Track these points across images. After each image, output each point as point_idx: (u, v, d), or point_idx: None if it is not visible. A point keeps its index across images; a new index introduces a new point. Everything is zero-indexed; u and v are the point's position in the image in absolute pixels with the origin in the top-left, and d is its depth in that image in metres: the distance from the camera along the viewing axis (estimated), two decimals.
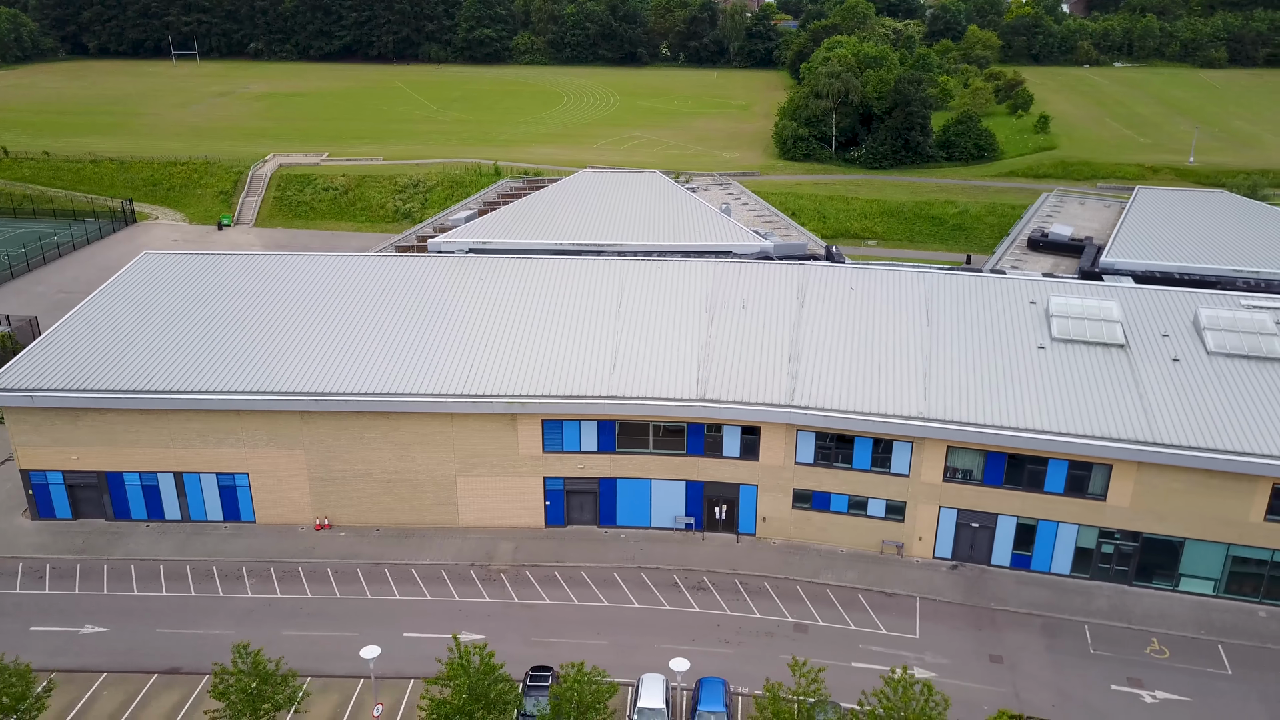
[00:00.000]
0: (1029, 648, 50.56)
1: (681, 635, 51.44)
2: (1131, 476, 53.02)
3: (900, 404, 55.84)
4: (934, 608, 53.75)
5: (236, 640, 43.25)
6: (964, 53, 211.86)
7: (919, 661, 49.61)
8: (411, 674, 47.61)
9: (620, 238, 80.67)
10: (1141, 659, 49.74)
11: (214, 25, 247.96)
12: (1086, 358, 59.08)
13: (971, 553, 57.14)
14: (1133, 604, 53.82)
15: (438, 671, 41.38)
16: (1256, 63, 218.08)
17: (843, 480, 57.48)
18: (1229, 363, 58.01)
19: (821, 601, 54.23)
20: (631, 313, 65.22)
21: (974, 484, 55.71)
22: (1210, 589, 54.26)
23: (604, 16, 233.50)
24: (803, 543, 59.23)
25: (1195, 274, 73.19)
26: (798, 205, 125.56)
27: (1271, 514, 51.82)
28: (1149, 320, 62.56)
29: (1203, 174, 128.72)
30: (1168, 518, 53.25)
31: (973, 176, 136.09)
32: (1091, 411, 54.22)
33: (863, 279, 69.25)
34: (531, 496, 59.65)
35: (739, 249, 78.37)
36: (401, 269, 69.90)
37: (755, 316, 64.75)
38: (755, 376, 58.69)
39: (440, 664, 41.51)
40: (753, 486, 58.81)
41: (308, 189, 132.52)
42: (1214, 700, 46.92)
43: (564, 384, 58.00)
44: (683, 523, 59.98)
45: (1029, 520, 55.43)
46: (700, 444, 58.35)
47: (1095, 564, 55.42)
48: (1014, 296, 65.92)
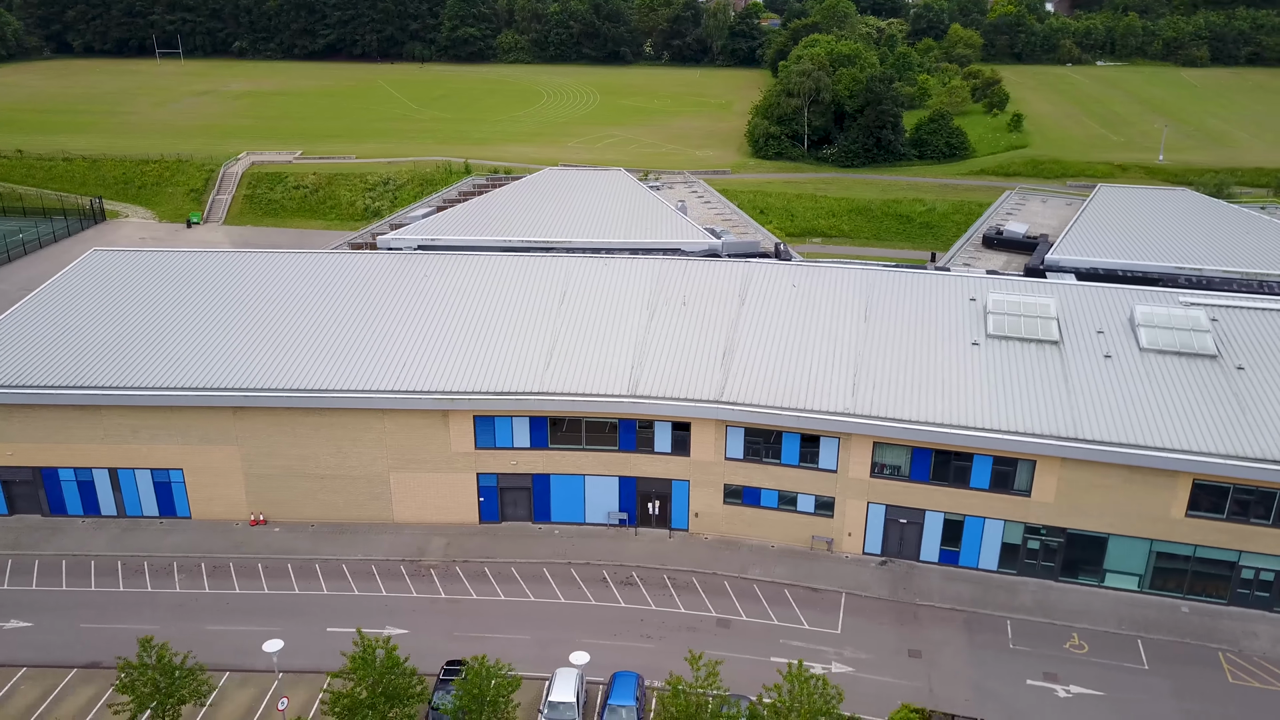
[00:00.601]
0: (949, 643, 50.73)
1: (604, 630, 51.64)
2: (1055, 472, 53.19)
3: (827, 400, 56.02)
4: (859, 603, 53.93)
5: (161, 635, 43.46)
6: (945, 51, 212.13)
7: (838, 656, 49.84)
8: (330, 669, 47.62)
9: (571, 235, 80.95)
10: (1060, 654, 49.92)
11: (198, 24, 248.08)
12: (1020, 354, 59.24)
13: (901, 549, 57.31)
14: (1057, 600, 53.99)
15: (343, 665, 41.50)
16: (1238, 61, 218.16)
17: (772, 476, 57.65)
18: (1160, 359, 58.16)
19: (747, 597, 54.40)
20: (573, 309, 65.38)
21: (901, 480, 55.90)
22: (1135, 584, 54.44)
23: (587, 15, 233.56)
24: (735, 538, 59.41)
25: (1139, 271, 73.38)
26: (766, 203, 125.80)
27: (1193, 510, 51.98)
28: (1086, 317, 62.68)
29: (1171, 172, 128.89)
30: (1091, 513, 53.42)
31: (944, 175, 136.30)
32: (1016, 408, 54.40)
33: (805, 276, 69.40)
34: (465, 493, 59.82)
35: (687, 246, 78.56)
36: (345, 266, 70.05)
37: (695, 313, 64.92)
38: (688, 373, 58.87)
39: (345, 657, 41.64)
40: (685, 482, 59.01)
41: (278, 187, 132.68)
42: (1126, 694, 47.09)
43: (496, 380, 58.19)
44: (616, 519, 60.16)
45: (956, 516, 55.61)
46: (633, 440, 58.52)
47: (1022, 560, 55.59)
48: (954, 294, 66.04)
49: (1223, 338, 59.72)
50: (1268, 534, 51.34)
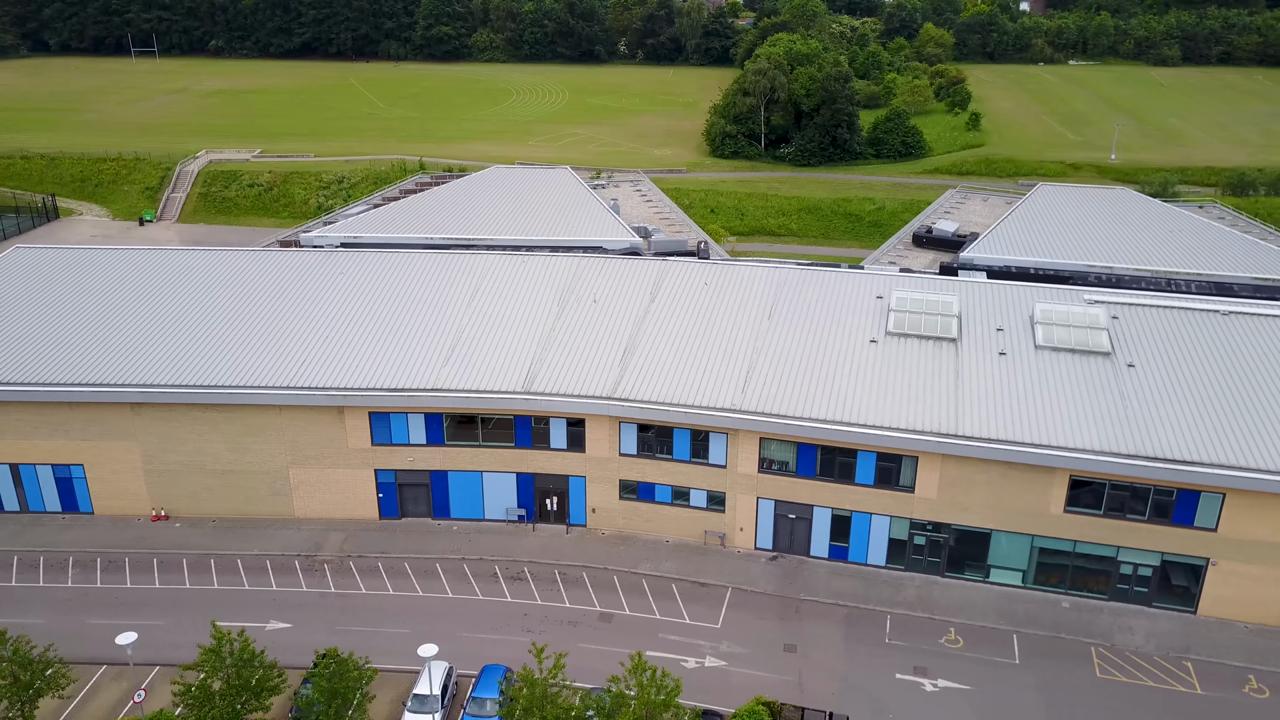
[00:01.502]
0: (826, 637, 51.16)
1: (486, 624, 52.08)
2: (937, 468, 53.60)
3: (717, 396, 56.44)
4: (744, 598, 54.35)
5: (44, 630, 43.83)
6: (916, 51, 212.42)
7: (713, 650, 50.28)
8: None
9: (494, 233, 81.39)
10: (935, 649, 50.34)
11: (174, 22, 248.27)
12: (916, 351, 59.64)
13: (791, 544, 57.72)
14: (940, 595, 54.41)
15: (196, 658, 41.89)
16: (1209, 61, 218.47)
17: (665, 471, 58.07)
18: (1054, 356, 58.54)
19: (634, 591, 54.82)
20: (482, 306, 65.77)
21: (789, 475, 56.30)
22: (1019, 580, 54.84)
23: (562, 14, 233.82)
24: (631, 533, 59.85)
25: (1050, 269, 73.81)
26: (717, 202, 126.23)
27: (1071, 506, 52.40)
28: (989, 315, 63.04)
29: (1122, 171, 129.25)
30: (973, 509, 53.84)
31: (898, 174, 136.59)
32: (901, 404, 54.80)
33: (718, 275, 69.81)
34: (364, 488, 60.23)
35: (609, 245, 78.99)
36: (259, 264, 70.38)
37: (604, 311, 65.35)
38: (585, 370, 59.27)
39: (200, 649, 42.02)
40: (581, 478, 59.43)
41: (233, 185, 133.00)
42: (993, 689, 47.51)
43: (392, 377, 58.57)
44: (515, 515, 60.57)
45: (843, 512, 56.04)
46: (528, 436, 58.92)
47: (908, 555, 56.01)
48: (861, 292, 66.43)
49: (1120, 336, 60.11)
50: (1144, 530, 51.75)
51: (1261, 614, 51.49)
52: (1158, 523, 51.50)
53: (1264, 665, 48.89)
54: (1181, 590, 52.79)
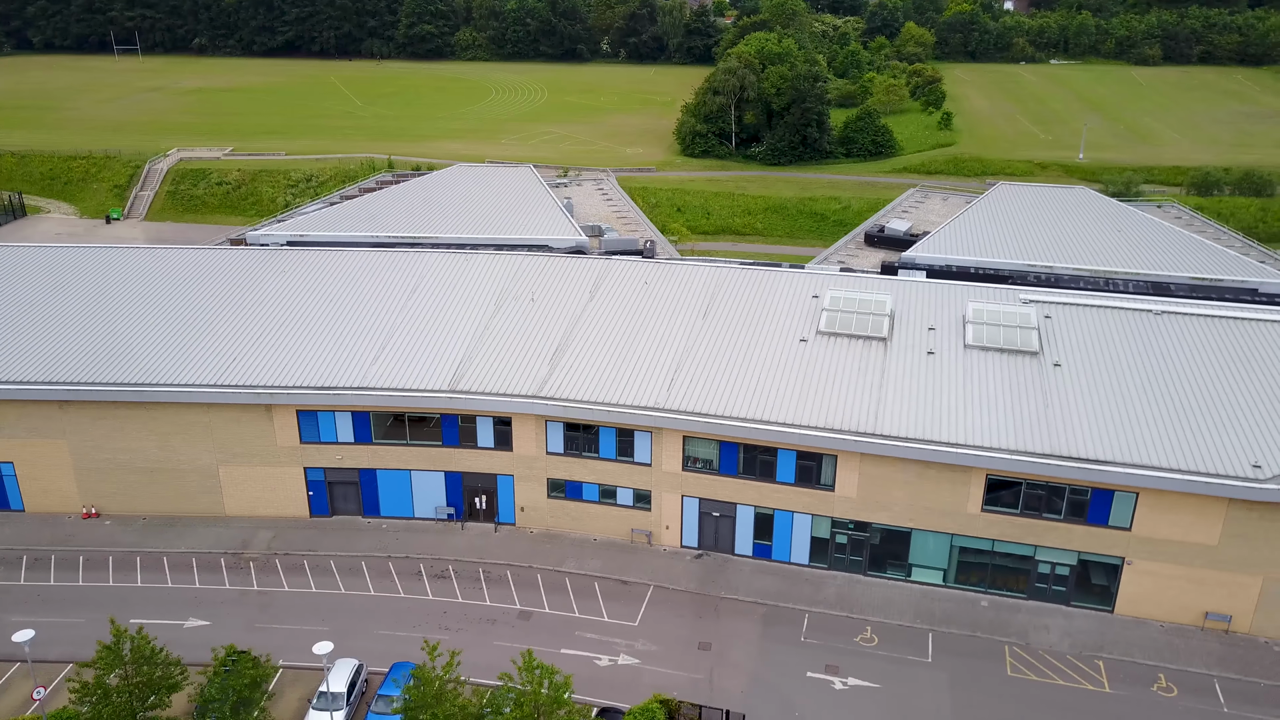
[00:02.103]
0: (742, 636, 51.27)
1: (404, 622, 52.18)
2: (856, 467, 53.70)
3: (642, 395, 56.53)
4: (665, 596, 54.47)
5: None
6: (897, 49, 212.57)
7: (628, 648, 50.40)
8: None
9: (440, 231, 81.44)
10: (849, 647, 50.45)
11: (158, 20, 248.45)
12: (845, 351, 59.76)
13: (716, 542, 57.85)
14: (861, 593, 54.53)
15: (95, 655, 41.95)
16: (1190, 60, 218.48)
17: (592, 470, 58.19)
18: (982, 356, 58.66)
19: (556, 589, 54.94)
20: (419, 305, 65.92)
21: (713, 474, 56.42)
22: (940, 579, 54.95)
23: (544, 13, 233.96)
24: (559, 531, 59.98)
25: (990, 269, 73.91)
26: (684, 201, 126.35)
27: (988, 505, 52.51)
28: (922, 314, 63.15)
29: (1089, 170, 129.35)
30: (893, 508, 53.96)
31: (868, 173, 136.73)
32: (821, 403, 54.90)
33: (658, 273, 69.96)
34: (293, 486, 60.34)
35: (555, 243, 79.11)
36: (197, 263, 70.46)
37: (541, 309, 65.48)
38: (514, 368, 59.38)
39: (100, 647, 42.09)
40: (509, 477, 59.55)
41: (202, 183, 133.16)
42: (901, 686, 47.64)
43: (320, 375, 58.67)
44: (444, 513, 60.68)
45: (766, 510, 56.15)
46: (455, 435, 59.04)
47: (831, 554, 56.13)
48: (798, 291, 66.57)
49: (1051, 335, 60.20)
50: (1061, 529, 51.87)
51: (1176, 613, 51.60)
52: (1074, 522, 51.63)
53: (1174, 664, 49.00)
54: (1100, 589, 52.92)
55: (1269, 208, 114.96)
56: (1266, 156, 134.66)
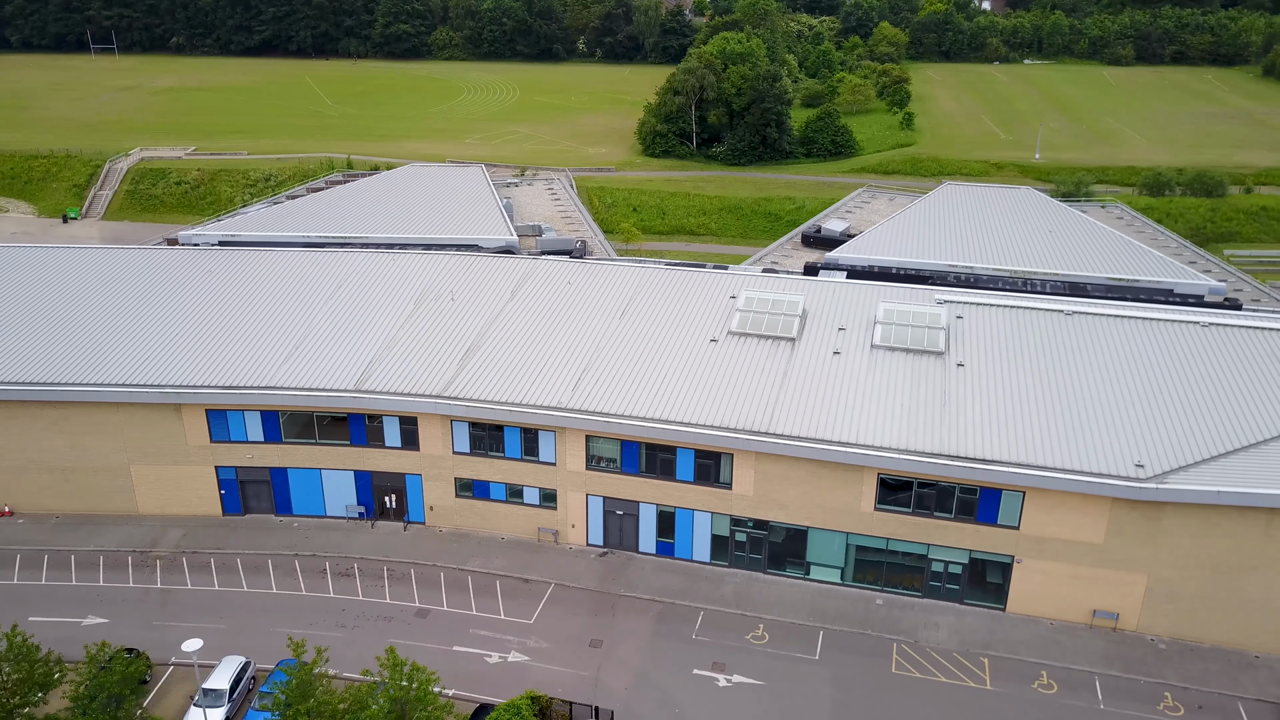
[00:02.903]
0: (635, 633, 51.71)
1: (302, 620, 52.61)
2: (751, 466, 54.16)
3: (547, 395, 56.92)
4: (564, 594, 54.90)
5: None
6: (870, 49, 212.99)
7: (519, 646, 50.87)
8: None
9: (376, 230, 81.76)
10: (739, 645, 50.90)
11: (135, 20, 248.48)
12: (753, 350, 60.20)
13: (621, 540, 58.31)
14: (759, 591, 54.99)
15: None
16: (1163, 60, 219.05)
17: (498, 469, 58.63)
18: (888, 356, 59.12)
19: (457, 588, 55.39)
20: (339, 304, 66.37)
21: (616, 473, 56.86)
22: (837, 577, 55.42)
23: (520, 12, 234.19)
24: (468, 530, 60.42)
25: (912, 269, 74.36)
26: (640, 201, 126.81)
27: (881, 504, 52.98)
28: (836, 314, 63.64)
29: (1044, 169, 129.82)
30: (789, 507, 54.41)
31: (827, 173, 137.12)
32: (719, 403, 55.33)
33: (582, 273, 70.49)
34: (205, 485, 60.75)
35: (485, 242, 79.50)
36: (124, 262, 70.92)
37: (460, 309, 65.95)
38: (423, 368, 59.77)
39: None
40: (417, 476, 59.96)
41: (161, 183, 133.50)
42: (785, 684, 48.10)
43: (229, 375, 59.06)
44: (355, 511, 61.11)
45: (668, 508, 56.60)
46: (363, 434, 59.47)
47: (731, 552, 56.59)
48: (717, 291, 67.07)
49: (961, 335, 60.69)
50: (951, 528, 52.34)
51: (1065, 611, 52.08)
52: (964, 521, 52.11)
53: (1058, 661, 49.49)
54: (994, 588, 53.39)
55: (1218, 208, 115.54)
56: (1222, 157, 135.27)
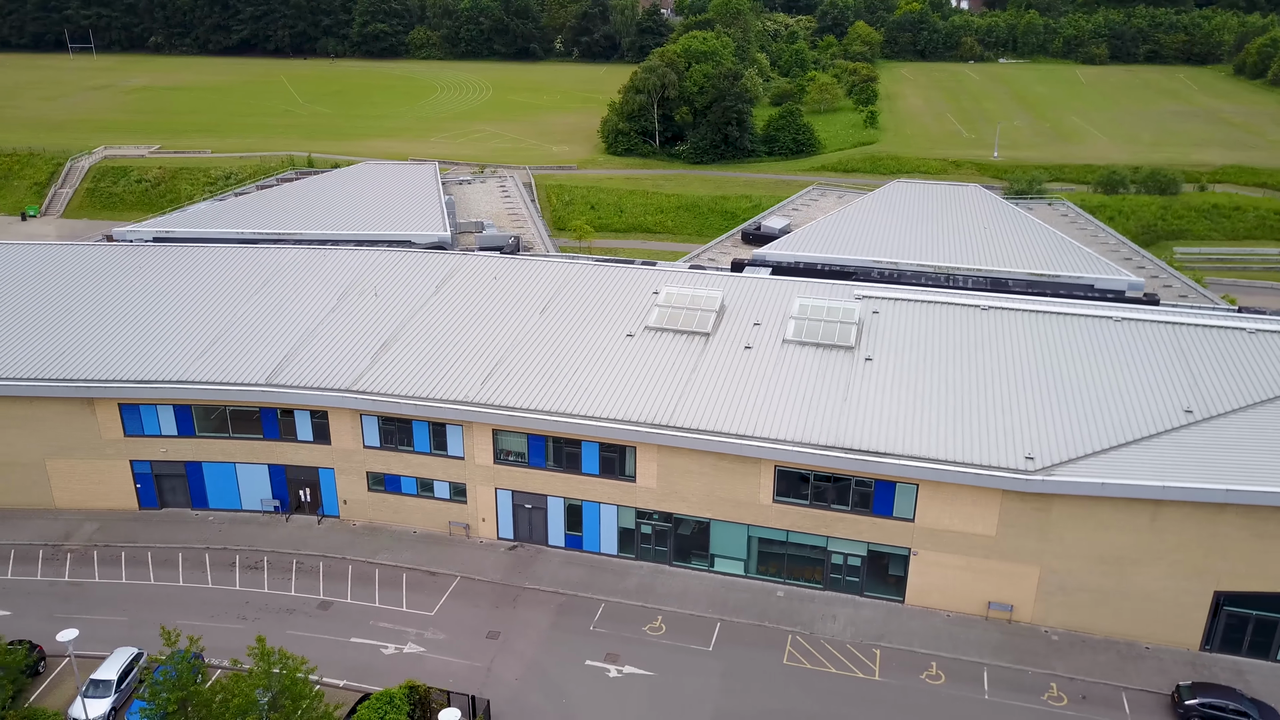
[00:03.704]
0: (533, 625, 52.01)
1: (204, 612, 52.92)
2: (654, 459, 54.48)
3: (456, 390, 57.21)
4: (469, 586, 55.21)
5: None
6: (844, 48, 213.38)
7: (417, 637, 51.18)
8: None
9: (312, 227, 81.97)
10: (636, 636, 51.22)
11: (114, 19, 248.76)
12: (667, 345, 60.52)
13: (530, 533, 58.62)
14: (663, 583, 55.30)
15: None
16: (1137, 59, 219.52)
17: (409, 464, 58.94)
18: (799, 350, 59.43)
19: (364, 581, 55.68)
20: (265, 299, 66.74)
21: (523, 467, 57.17)
22: (740, 569, 55.74)
23: (497, 11, 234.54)
24: (381, 524, 60.71)
25: (837, 265, 74.67)
26: (598, 199, 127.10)
27: (780, 496, 53.30)
28: (753, 310, 63.98)
29: (1001, 168, 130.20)
30: (691, 499, 54.73)
31: (788, 171, 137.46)
32: (624, 397, 55.62)
33: (509, 269, 70.88)
34: (121, 479, 61.02)
35: (418, 239, 79.74)
36: (49, 258, 71.24)
37: (381, 304, 66.32)
38: (337, 362, 60.05)
39: None
40: (330, 470, 60.25)
41: (122, 181, 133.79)
42: (674, 675, 48.39)
43: (142, 369, 59.35)
44: (270, 505, 61.40)
45: (575, 501, 56.90)
46: (275, 428, 59.75)
47: (638, 544, 56.91)
48: (641, 287, 67.43)
49: (874, 330, 60.99)
50: (848, 520, 52.68)
51: (962, 603, 52.42)
52: (861, 514, 52.45)
53: (949, 652, 49.84)
54: (894, 580, 53.71)
55: (1170, 206, 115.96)
56: (1181, 155, 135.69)
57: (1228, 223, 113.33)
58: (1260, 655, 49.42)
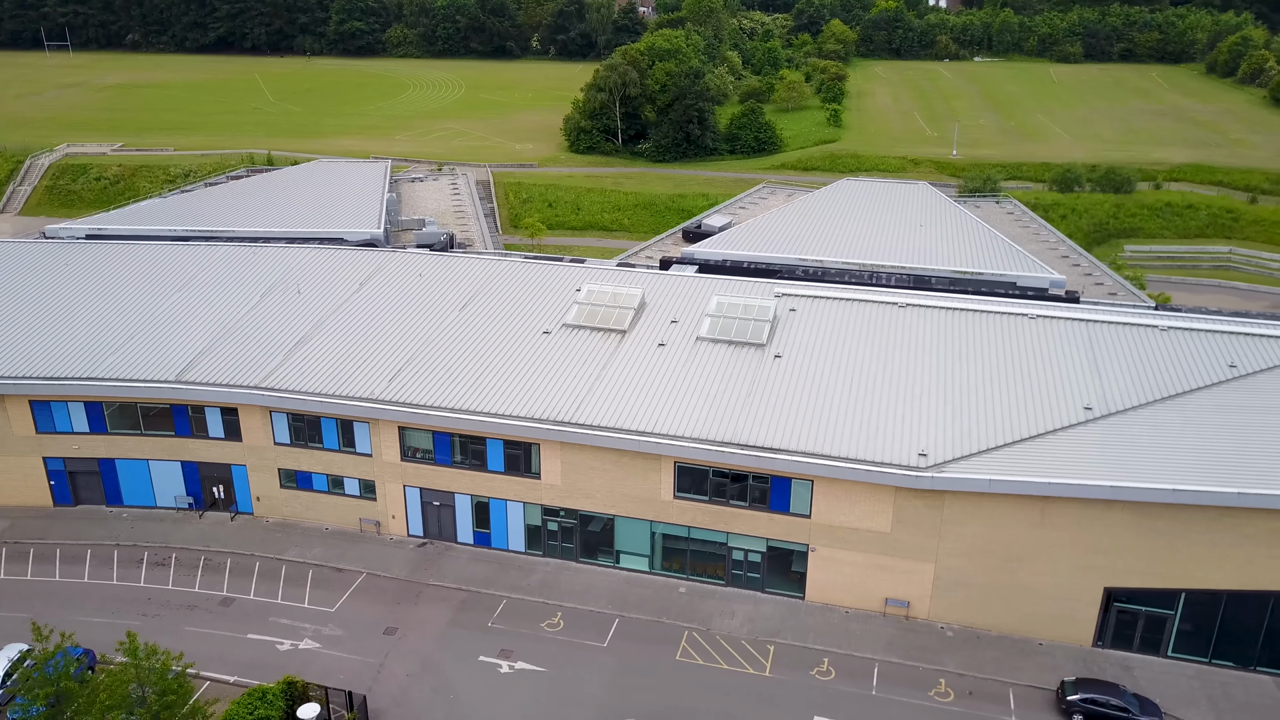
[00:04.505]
0: (432, 621, 52.08)
1: (105, 608, 52.94)
2: (558, 456, 54.57)
3: (364, 387, 57.26)
4: (374, 583, 55.27)
5: None
6: (818, 47, 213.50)
7: (314, 633, 51.24)
8: None
9: (246, 225, 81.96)
10: (533, 632, 51.30)
11: (91, 16, 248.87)
12: (582, 343, 60.63)
13: (440, 530, 58.70)
14: (567, 580, 55.39)
15: None
16: (1111, 57, 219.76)
17: (319, 460, 59.01)
18: (711, 348, 59.52)
19: (269, 577, 55.75)
20: (187, 296, 66.83)
21: (431, 464, 57.25)
22: (646, 565, 55.85)
23: (473, 10, 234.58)
24: (294, 521, 60.78)
25: (763, 263, 74.77)
26: (555, 197, 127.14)
27: (680, 492, 53.40)
28: (673, 307, 64.09)
29: (959, 166, 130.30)
30: (595, 496, 54.83)
31: (748, 170, 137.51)
32: (532, 394, 55.70)
33: (435, 266, 71.01)
34: (34, 476, 61.06)
35: (350, 236, 79.82)
36: None
37: (303, 301, 66.42)
38: (249, 359, 60.12)
39: None
40: (243, 467, 60.32)
41: (81, 179, 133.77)
42: (566, 671, 48.48)
43: (55, 366, 59.40)
44: (184, 502, 61.46)
45: (482, 498, 57.01)
46: (187, 425, 59.81)
47: (545, 541, 57.00)
48: (565, 284, 67.53)
49: (790, 328, 61.10)
50: (747, 516, 52.77)
51: (860, 599, 52.54)
52: (759, 510, 52.54)
53: (842, 649, 49.95)
54: (796, 576, 53.80)
55: (1123, 204, 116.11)
56: (1141, 153, 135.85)
57: (1179, 221, 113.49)
58: (1151, 651, 49.59)
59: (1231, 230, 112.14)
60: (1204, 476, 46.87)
